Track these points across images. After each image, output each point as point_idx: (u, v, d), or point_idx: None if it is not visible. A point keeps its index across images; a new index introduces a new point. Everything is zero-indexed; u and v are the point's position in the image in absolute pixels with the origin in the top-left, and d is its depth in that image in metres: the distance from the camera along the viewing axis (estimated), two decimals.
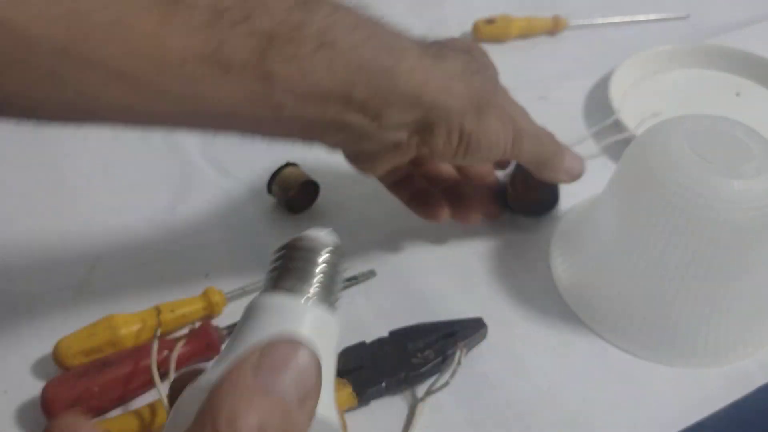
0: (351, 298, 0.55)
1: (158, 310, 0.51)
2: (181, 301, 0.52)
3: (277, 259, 0.30)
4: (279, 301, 0.28)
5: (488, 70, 0.51)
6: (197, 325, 0.51)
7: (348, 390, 0.47)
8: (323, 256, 0.30)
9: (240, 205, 0.63)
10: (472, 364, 0.50)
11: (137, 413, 0.46)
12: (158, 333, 0.48)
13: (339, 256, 0.30)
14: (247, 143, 0.65)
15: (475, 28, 0.81)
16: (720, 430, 0.47)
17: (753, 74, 0.76)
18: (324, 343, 0.27)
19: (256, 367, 0.23)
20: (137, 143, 0.69)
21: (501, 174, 0.60)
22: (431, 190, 0.57)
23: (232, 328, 0.51)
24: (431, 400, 0.48)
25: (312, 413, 0.24)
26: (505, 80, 0.77)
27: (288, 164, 0.62)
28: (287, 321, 0.27)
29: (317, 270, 0.29)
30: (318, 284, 0.29)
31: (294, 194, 0.61)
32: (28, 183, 0.65)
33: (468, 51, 0.49)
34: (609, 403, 0.49)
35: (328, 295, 0.29)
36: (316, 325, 0.27)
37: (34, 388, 0.48)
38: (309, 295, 0.28)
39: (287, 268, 0.29)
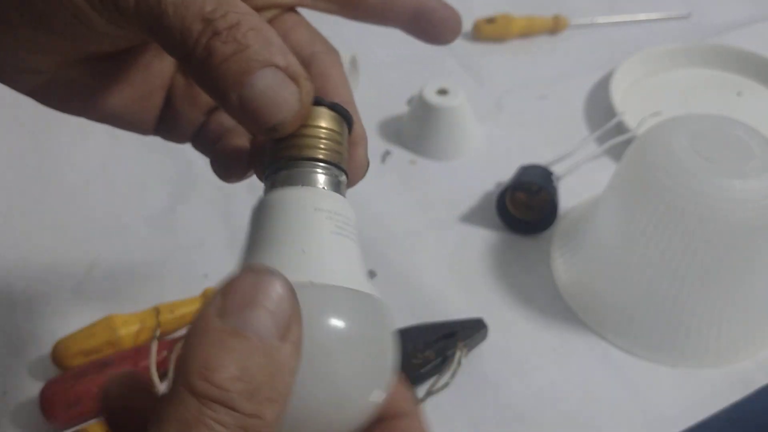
0: None
1: (157, 311, 0.51)
2: (181, 301, 0.52)
3: (274, 148, 0.27)
4: (280, 194, 0.26)
5: None
6: None
7: None
8: (322, 129, 0.27)
9: (239, 206, 0.62)
10: (473, 365, 0.50)
11: None
12: (157, 333, 0.48)
13: (340, 123, 0.27)
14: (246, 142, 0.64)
15: (476, 27, 0.81)
16: (721, 430, 0.47)
17: (754, 74, 0.76)
18: (342, 225, 0.26)
19: (221, 309, 0.20)
20: (136, 143, 0.68)
21: (498, 191, 0.60)
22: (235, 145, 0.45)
23: None
24: (432, 400, 0.48)
25: (298, 343, 0.21)
26: (505, 79, 0.77)
27: None
28: (291, 219, 0.25)
29: (315, 149, 0.26)
30: (321, 166, 0.26)
31: None
32: (27, 183, 0.65)
33: None
34: (609, 403, 0.49)
35: (339, 176, 0.27)
36: (329, 214, 0.25)
37: (32, 388, 0.48)
38: (309, 182, 0.26)
39: (285, 157, 0.26)
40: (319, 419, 0.23)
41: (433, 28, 0.37)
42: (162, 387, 0.46)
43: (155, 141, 0.68)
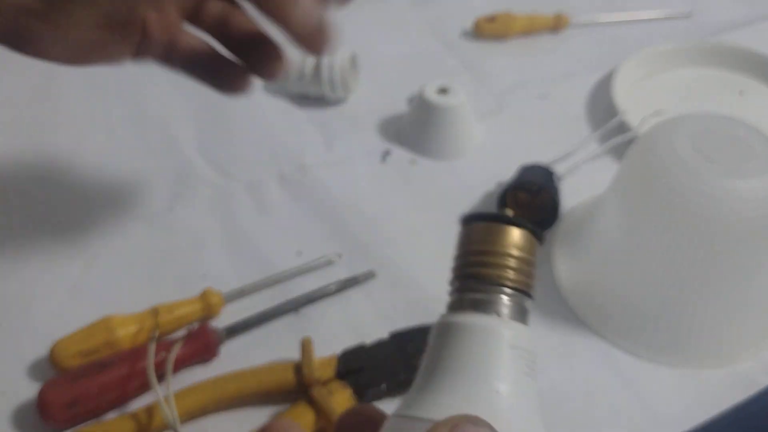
0: (351, 299, 0.55)
1: (156, 312, 0.51)
2: (179, 302, 0.52)
3: (461, 264, 0.27)
4: (472, 322, 0.26)
5: None
6: (195, 326, 0.51)
7: (348, 392, 0.47)
8: (512, 254, 0.26)
9: (238, 206, 0.62)
10: None
11: (134, 415, 0.46)
12: (156, 334, 0.48)
13: (533, 245, 0.27)
14: (245, 142, 0.64)
15: (477, 25, 0.81)
16: (723, 431, 0.47)
17: (756, 73, 0.76)
18: (526, 362, 0.25)
19: None
20: (135, 142, 0.69)
21: (499, 191, 0.60)
22: (226, 58, 0.48)
23: (230, 329, 0.51)
24: None
25: None
26: (506, 78, 0.77)
27: None
28: (484, 352, 0.25)
29: (508, 274, 0.26)
30: (511, 293, 0.26)
31: None
32: (25, 183, 0.64)
33: None
34: (611, 404, 0.49)
35: (524, 304, 0.26)
36: (515, 349, 0.25)
37: (30, 389, 0.47)
38: (502, 311, 0.26)
39: (474, 276, 0.26)
40: None
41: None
42: (160, 389, 0.45)
43: (153, 140, 0.68)
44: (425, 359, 0.26)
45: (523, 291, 0.26)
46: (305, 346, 0.48)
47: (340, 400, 0.46)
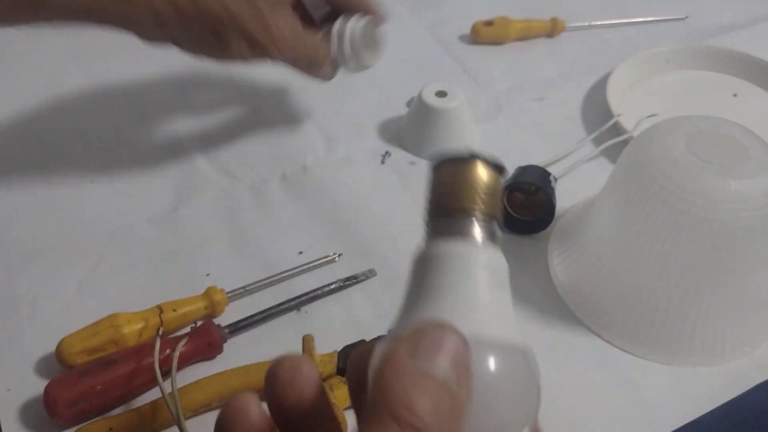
0: (351, 297, 0.55)
1: (160, 309, 0.51)
2: (183, 300, 0.53)
3: (435, 194, 0.29)
4: (449, 249, 0.28)
5: None
6: (199, 324, 0.51)
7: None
8: (481, 183, 0.28)
9: (241, 206, 0.63)
10: None
11: (139, 411, 0.47)
12: (160, 332, 0.49)
13: (496, 175, 0.29)
14: (248, 143, 0.65)
15: (474, 29, 0.82)
16: (716, 428, 0.48)
17: (750, 75, 0.76)
18: (499, 279, 0.28)
19: (411, 351, 0.24)
20: (139, 143, 0.69)
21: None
22: None
23: (233, 327, 0.52)
24: None
25: (470, 389, 0.25)
26: (503, 82, 0.78)
27: None
28: (460, 275, 0.27)
29: (478, 204, 0.28)
30: (482, 220, 0.28)
31: None
32: (32, 182, 0.65)
33: None
34: (606, 401, 0.49)
35: (494, 228, 0.28)
36: (489, 269, 0.28)
37: (37, 386, 0.48)
38: (475, 237, 0.28)
39: (447, 210, 0.29)
40: None
41: None
42: (164, 385, 0.46)
43: (158, 141, 0.69)
44: (407, 290, 0.28)
45: (492, 217, 0.28)
46: (306, 343, 0.49)
47: (341, 395, 0.47)
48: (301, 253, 0.58)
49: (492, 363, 0.26)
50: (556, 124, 0.72)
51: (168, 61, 0.76)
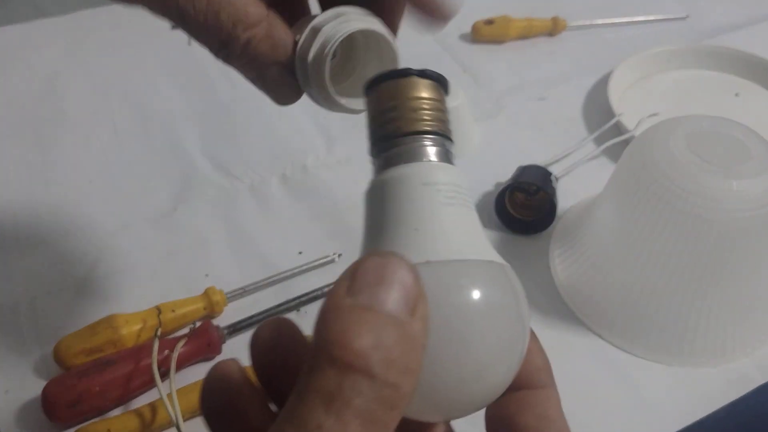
0: None
1: (159, 310, 0.51)
2: (182, 300, 0.52)
3: (376, 127, 0.26)
4: (397, 174, 0.25)
5: None
6: (198, 324, 0.51)
7: None
8: (422, 100, 0.26)
9: (240, 206, 0.63)
10: None
11: (138, 412, 0.46)
12: (159, 332, 0.49)
13: (437, 90, 0.26)
14: (248, 143, 0.65)
15: (475, 28, 0.82)
16: (718, 429, 0.48)
17: (752, 75, 0.76)
18: (461, 199, 0.26)
19: (350, 288, 0.21)
20: (138, 143, 0.69)
21: (497, 191, 0.60)
22: None
23: (232, 328, 0.52)
24: None
25: (426, 320, 0.22)
26: (504, 81, 0.78)
27: None
28: (418, 199, 0.25)
29: (423, 120, 0.26)
30: (430, 137, 0.26)
31: None
32: (30, 183, 0.65)
33: None
34: (607, 401, 0.49)
35: (447, 147, 0.26)
36: (448, 189, 0.25)
37: (35, 387, 0.48)
38: (431, 158, 0.26)
39: (392, 132, 0.26)
40: (458, 391, 0.23)
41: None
42: (163, 386, 0.46)
43: (157, 141, 0.69)
44: (363, 232, 0.26)
45: (440, 134, 0.27)
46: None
47: None
48: (300, 253, 0.58)
49: (461, 284, 0.23)
50: (557, 124, 0.72)
51: (168, 60, 0.76)
